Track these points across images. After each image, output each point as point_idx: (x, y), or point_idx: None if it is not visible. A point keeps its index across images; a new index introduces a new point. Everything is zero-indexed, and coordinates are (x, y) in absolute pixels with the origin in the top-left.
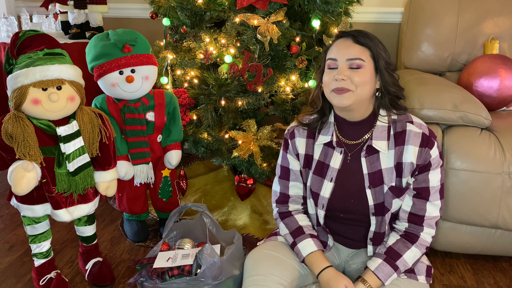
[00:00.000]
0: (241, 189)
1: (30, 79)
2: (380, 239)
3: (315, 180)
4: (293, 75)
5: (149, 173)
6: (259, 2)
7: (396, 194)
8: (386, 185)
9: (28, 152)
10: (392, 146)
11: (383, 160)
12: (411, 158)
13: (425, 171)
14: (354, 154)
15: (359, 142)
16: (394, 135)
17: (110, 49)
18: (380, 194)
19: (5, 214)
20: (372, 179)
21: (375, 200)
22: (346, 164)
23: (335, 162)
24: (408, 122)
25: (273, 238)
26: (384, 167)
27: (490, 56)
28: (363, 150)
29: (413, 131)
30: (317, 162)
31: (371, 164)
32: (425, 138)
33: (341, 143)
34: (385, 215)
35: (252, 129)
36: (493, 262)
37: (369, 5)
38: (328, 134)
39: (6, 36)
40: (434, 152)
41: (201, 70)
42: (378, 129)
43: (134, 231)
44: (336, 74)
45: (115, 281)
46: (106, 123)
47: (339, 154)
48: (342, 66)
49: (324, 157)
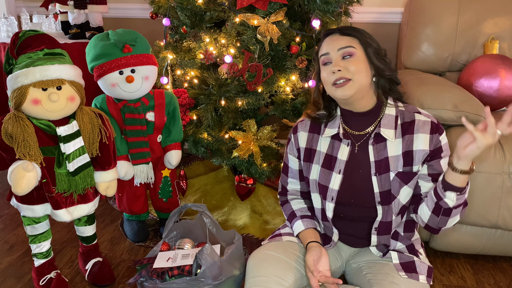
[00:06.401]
0: (241, 189)
1: (30, 79)
2: (386, 229)
3: (323, 173)
4: (293, 75)
5: (149, 173)
6: (259, 2)
7: (403, 180)
8: (392, 172)
9: (28, 152)
10: (399, 135)
11: (390, 148)
12: (423, 146)
13: (437, 157)
14: (361, 144)
15: (366, 132)
16: (402, 125)
17: (110, 49)
18: (386, 181)
19: (5, 214)
20: (378, 167)
21: (381, 188)
22: (353, 156)
23: (342, 154)
24: (416, 112)
25: (276, 239)
26: (391, 155)
27: (490, 56)
28: (371, 138)
29: (421, 120)
30: (325, 155)
31: (378, 152)
32: (434, 125)
33: (348, 135)
34: (392, 203)
35: (252, 129)
36: (493, 262)
37: (369, 5)
38: (335, 127)
39: (6, 36)
40: (444, 138)
41: (201, 70)
42: (386, 117)
43: (134, 231)
44: (332, 67)
45: (115, 281)
46: (106, 123)
47: (346, 146)
48: (336, 58)
49: (332, 150)
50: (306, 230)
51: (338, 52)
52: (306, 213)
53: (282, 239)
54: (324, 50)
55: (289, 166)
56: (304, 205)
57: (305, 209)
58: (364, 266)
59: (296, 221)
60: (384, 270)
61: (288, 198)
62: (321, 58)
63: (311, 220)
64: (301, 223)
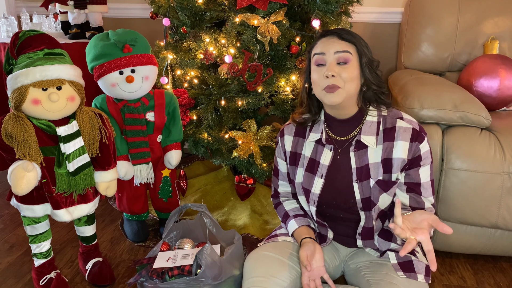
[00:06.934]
0: (241, 189)
1: (30, 79)
2: (368, 234)
3: (307, 177)
4: (293, 75)
5: (149, 173)
6: (259, 2)
7: (383, 188)
8: (372, 179)
9: (28, 152)
10: (380, 141)
11: (371, 155)
12: (402, 154)
13: (415, 166)
14: (344, 150)
15: (348, 138)
16: (383, 130)
17: (110, 49)
18: (367, 188)
19: (5, 214)
20: (360, 173)
21: (362, 195)
22: (336, 161)
23: (325, 159)
24: (398, 118)
25: (273, 239)
26: (371, 162)
27: (490, 56)
28: (352, 145)
29: (402, 127)
30: (309, 159)
31: (359, 158)
32: (415, 133)
33: (331, 140)
34: (372, 209)
35: (252, 129)
36: (493, 262)
37: (369, 5)
38: (318, 131)
39: (6, 36)
40: (424, 146)
41: (201, 70)
42: (367, 124)
43: (134, 231)
44: (326, 71)
45: (115, 281)
46: (106, 123)
47: (329, 151)
48: (331, 62)
49: (315, 154)
50: (299, 228)
51: (334, 56)
52: (299, 212)
53: (278, 239)
54: (319, 49)
55: (279, 169)
56: (296, 205)
57: (298, 208)
58: (363, 266)
59: (290, 221)
60: (382, 270)
61: (281, 200)
62: (314, 57)
63: (304, 218)
64: (294, 222)
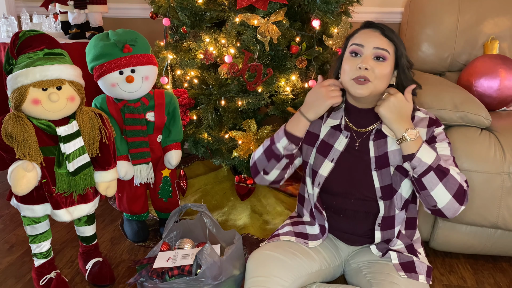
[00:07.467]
0: (241, 189)
1: (30, 79)
2: (389, 224)
3: (317, 158)
4: (293, 75)
5: (149, 173)
6: (259, 2)
7: (403, 173)
8: (392, 166)
9: (28, 152)
10: None
11: (390, 143)
12: None
13: (432, 143)
14: (362, 140)
15: (368, 130)
16: None
17: (110, 49)
18: (387, 176)
19: (5, 214)
20: (379, 162)
21: (381, 182)
22: (350, 149)
23: (339, 144)
24: (416, 110)
25: (275, 239)
26: (390, 150)
27: (490, 56)
28: (372, 134)
29: (420, 117)
30: (322, 141)
31: (378, 148)
32: (431, 120)
33: (349, 128)
34: (393, 197)
35: (252, 129)
36: (493, 262)
37: (369, 5)
38: (337, 118)
39: (6, 36)
40: (439, 129)
41: (201, 70)
42: None
43: (134, 231)
44: (360, 62)
45: (115, 281)
46: (106, 123)
47: (345, 138)
48: (367, 55)
49: (329, 138)
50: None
51: (373, 50)
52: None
53: (280, 239)
54: (359, 40)
55: None
56: None
57: None
58: (364, 266)
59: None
60: (383, 270)
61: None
62: (351, 46)
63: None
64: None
